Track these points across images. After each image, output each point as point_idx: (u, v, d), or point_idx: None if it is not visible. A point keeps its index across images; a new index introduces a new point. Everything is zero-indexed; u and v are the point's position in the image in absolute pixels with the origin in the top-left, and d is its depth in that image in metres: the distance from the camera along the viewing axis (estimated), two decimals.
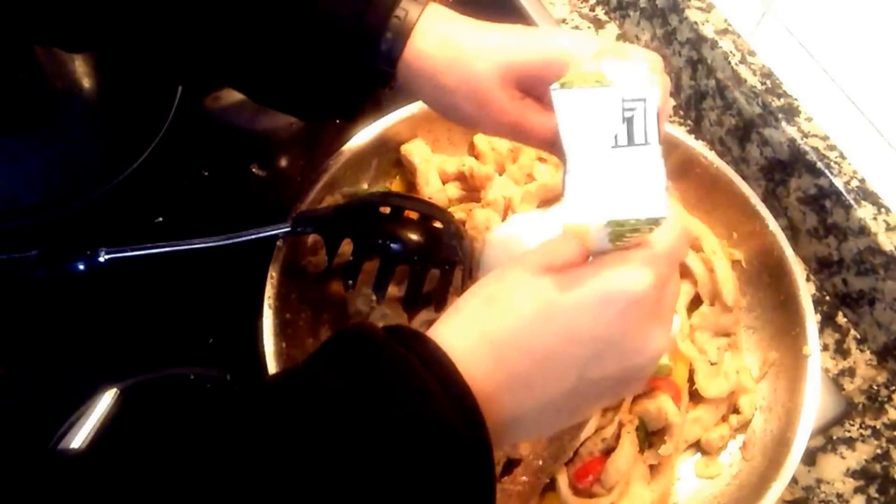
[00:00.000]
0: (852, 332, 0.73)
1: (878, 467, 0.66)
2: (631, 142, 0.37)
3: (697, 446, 0.64)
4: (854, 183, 0.69)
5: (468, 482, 0.36)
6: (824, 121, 0.72)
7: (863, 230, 0.68)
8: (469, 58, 0.50)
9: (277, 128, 0.81)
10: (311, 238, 0.65)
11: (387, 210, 0.61)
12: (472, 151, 0.73)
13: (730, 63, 0.76)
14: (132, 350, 0.67)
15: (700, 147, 0.69)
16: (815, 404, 0.60)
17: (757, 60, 0.76)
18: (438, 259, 0.60)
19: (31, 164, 0.77)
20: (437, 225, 0.61)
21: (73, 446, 0.61)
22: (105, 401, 0.63)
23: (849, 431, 0.68)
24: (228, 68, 0.55)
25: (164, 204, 0.74)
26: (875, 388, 0.70)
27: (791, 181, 0.73)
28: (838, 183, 0.69)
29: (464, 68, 0.50)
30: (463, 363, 0.37)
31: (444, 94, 0.52)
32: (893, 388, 0.70)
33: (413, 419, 0.35)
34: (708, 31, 0.77)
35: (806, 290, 0.63)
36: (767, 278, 0.67)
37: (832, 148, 0.71)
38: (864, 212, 0.68)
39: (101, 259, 0.62)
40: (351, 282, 0.60)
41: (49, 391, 0.65)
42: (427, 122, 0.70)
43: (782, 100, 0.73)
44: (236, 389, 0.38)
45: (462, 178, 0.71)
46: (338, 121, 0.80)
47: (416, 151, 0.70)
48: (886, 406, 0.69)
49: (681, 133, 0.70)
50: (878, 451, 0.67)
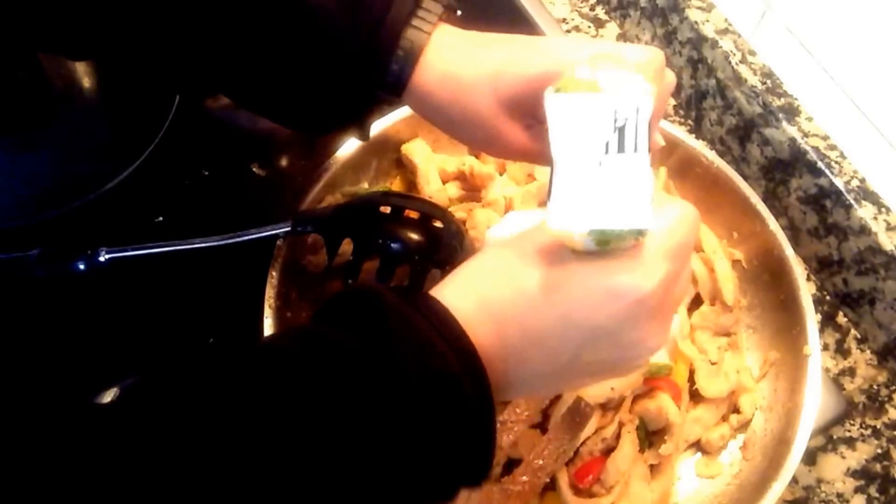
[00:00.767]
0: (853, 331, 0.73)
1: (878, 467, 0.66)
2: (621, 151, 0.37)
3: (698, 446, 0.64)
4: (854, 183, 0.69)
5: (472, 432, 0.37)
6: (825, 120, 0.72)
7: (863, 230, 0.68)
8: (468, 93, 0.50)
9: (278, 128, 0.79)
10: (312, 238, 0.65)
11: (387, 210, 0.61)
12: (473, 151, 0.73)
13: (730, 63, 0.76)
14: (132, 350, 0.67)
15: (700, 147, 0.69)
16: (816, 404, 0.60)
17: (757, 60, 0.76)
18: (439, 259, 0.60)
19: (31, 164, 0.77)
20: (438, 224, 0.61)
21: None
22: (105, 401, 0.63)
23: (849, 431, 0.68)
24: (235, 82, 0.55)
25: (164, 203, 0.74)
26: (875, 387, 0.70)
27: (791, 181, 0.73)
28: (839, 182, 0.69)
29: (465, 104, 0.51)
30: (465, 323, 0.38)
31: (445, 118, 0.53)
32: (894, 387, 0.70)
33: (421, 373, 0.36)
34: (708, 30, 0.77)
35: (806, 290, 0.63)
36: (768, 278, 0.67)
37: (832, 147, 0.71)
38: (864, 211, 0.68)
39: (102, 259, 0.62)
40: (351, 281, 0.60)
41: (49, 391, 0.65)
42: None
43: (783, 99, 0.73)
44: (248, 347, 0.38)
45: (462, 178, 0.71)
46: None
47: (417, 151, 0.70)
48: (887, 406, 0.69)
49: (681, 133, 0.70)
50: (879, 450, 0.67)
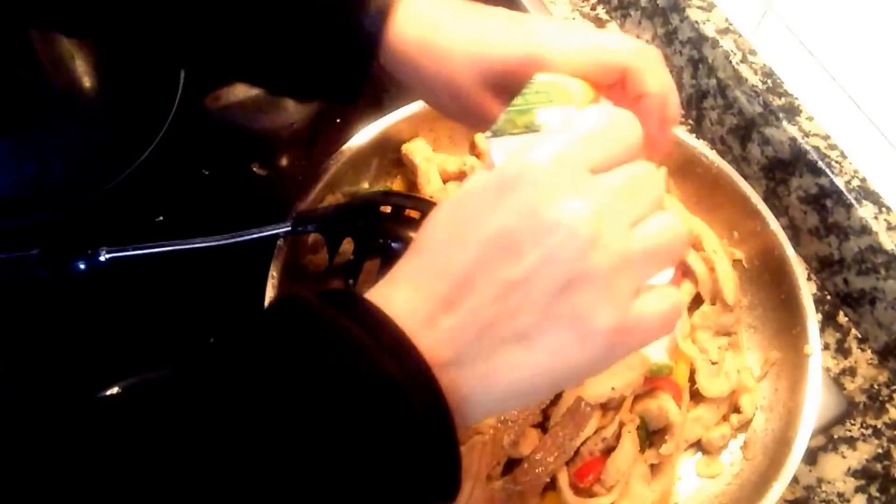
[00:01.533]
0: (853, 331, 0.73)
1: (879, 467, 0.66)
2: None
3: (698, 445, 0.64)
4: (855, 182, 0.69)
5: (419, 430, 0.32)
6: (825, 120, 0.72)
7: (864, 229, 0.68)
8: (445, 53, 0.49)
9: (278, 127, 0.81)
10: (312, 237, 0.65)
11: (388, 209, 0.61)
12: (474, 150, 0.73)
13: (731, 62, 0.76)
14: (133, 349, 0.67)
15: (701, 146, 0.69)
16: (816, 404, 0.60)
17: (758, 59, 0.76)
18: None
19: (31, 164, 0.77)
20: None
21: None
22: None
23: (850, 431, 0.68)
24: (213, 45, 0.55)
25: (164, 203, 0.74)
26: (876, 387, 0.70)
27: (792, 180, 0.73)
28: (839, 182, 0.69)
29: (440, 63, 0.49)
30: (393, 311, 0.34)
31: (423, 85, 0.52)
32: (894, 387, 0.70)
33: (345, 372, 0.32)
34: (709, 30, 0.77)
35: (807, 290, 0.63)
36: (768, 277, 0.67)
37: (833, 147, 0.71)
38: (865, 211, 0.68)
39: (102, 258, 0.62)
40: (352, 281, 0.60)
41: (49, 391, 0.65)
42: (428, 121, 0.70)
43: (783, 99, 0.73)
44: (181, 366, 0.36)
45: (463, 178, 0.71)
46: (338, 120, 0.80)
47: (418, 150, 0.70)
48: (887, 405, 0.69)
49: (682, 132, 0.70)
50: (880, 450, 0.67)
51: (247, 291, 0.62)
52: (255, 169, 0.78)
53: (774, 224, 0.66)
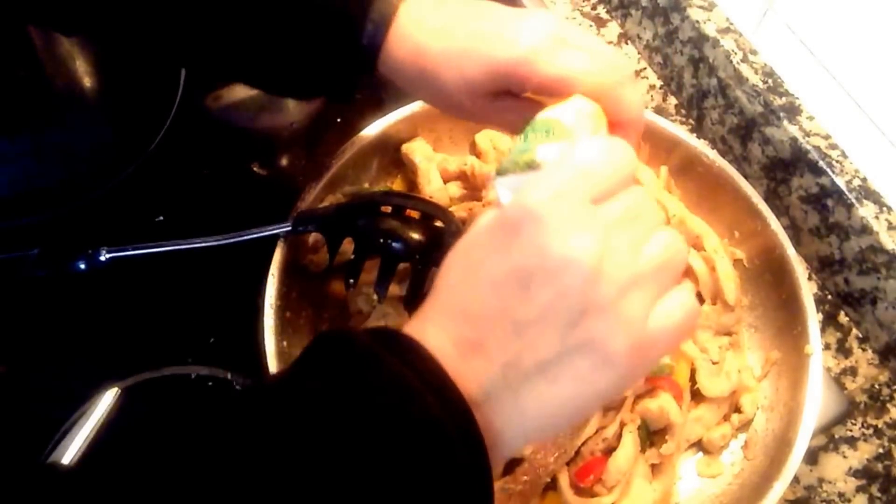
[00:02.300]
0: (854, 331, 0.72)
1: (880, 466, 0.66)
2: None
3: (699, 445, 0.64)
4: (856, 182, 0.69)
5: (461, 474, 0.34)
6: (826, 119, 0.72)
7: (865, 229, 0.68)
8: (435, 72, 0.51)
9: (279, 127, 0.81)
10: (313, 237, 0.65)
11: (388, 209, 0.61)
12: (474, 150, 0.73)
13: (731, 62, 0.76)
14: (133, 349, 0.67)
15: (702, 146, 0.69)
16: (817, 403, 0.59)
17: (759, 59, 0.75)
18: (440, 258, 0.60)
19: (32, 163, 0.77)
20: (439, 224, 0.61)
21: (75, 445, 0.61)
22: (106, 400, 0.63)
23: (851, 431, 0.68)
24: (215, 47, 0.55)
25: (165, 203, 0.74)
26: (877, 387, 0.70)
27: (793, 180, 0.73)
28: (840, 182, 0.69)
29: (432, 82, 0.51)
30: (447, 364, 0.36)
31: (419, 93, 0.55)
32: (895, 387, 0.70)
33: (397, 418, 0.34)
34: (710, 29, 0.77)
35: (808, 289, 0.63)
36: (769, 277, 0.67)
37: (834, 147, 0.71)
38: (865, 211, 0.68)
39: (102, 258, 0.62)
40: (352, 281, 0.60)
41: (50, 390, 0.65)
42: (428, 120, 0.70)
43: (784, 98, 0.73)
44: (223, 400, 0.37)
45: (463, 177, 0.71)
46: (339, 120, 0.80)
47: (418, 150, 0.70)
48: (888, 405, 0.69)
49: (682, 132, 0.70)
50: (881, 450, 0.67)
51: (247, 291, 0.62)
52: (255, 169, 0.78)
53: (775, 224, 0.66)
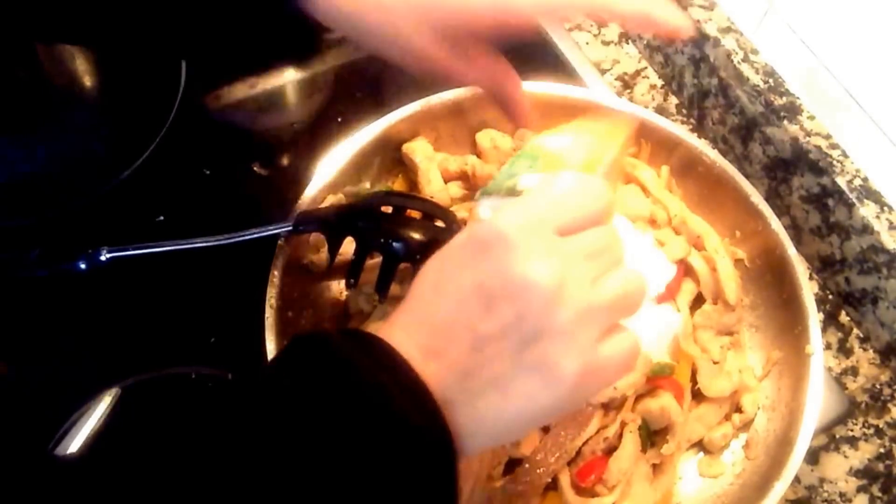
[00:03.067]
0: (855, 331, 0.72)
1: (881, 466, 0.66)
2: None
3: (700, 445, 0.63)
4: (857, 182, 0.69)
5: (431, 469, 0.36)
6: (827, 119, 0.72)
7: (865, 229, 0.68)
8: (390, 2, 0.50)
9: (279, 127, 0.81)
10: (313, 237, 0.65)
11: (389, 209, 0.61)
12: (475, 150, 0.73)
13: (732, 61, 0.76)
14: (134, 349, 0.67)
15: (702, 146, 0.69)
16: (818, 403, 0.59)
17: (759, 59, 0.75)
18: None
19: (32, 163, 0.77)
20: (440, 224, 0.61)
21: (75, 445, 0.61)
22: (106, 400, 0.63)
23: (852, 430, 0.68)
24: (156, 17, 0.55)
25: (165, 203, 0.74)
26: (878, 387, 0.70)
27: (793, 180, 0.73)
28: (841, 181, 0.69)
29: (385, 12, 0.50)
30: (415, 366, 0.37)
31: (366, 37, 0.53)
32: None
33: (374, 417, 0.35)
34: (711, 29, 0.77)
35: (808, 289, 0.63)
36: (770, 277, 0.67)
37: (835, 146, 0.71)
38: (866, 210, 0.68)
39: (103, 258, 0.62)
40: (353, 281, 0.60)
41: (51, 390, 0.65)
42: (429, 120, 0.70)
43: (785, 98, 0.73)
44: (210, 399, 0.39)
45: (464, 177, 0.71)
46: (339, 119, 0.80)
47: (418, 150, 0.70)
48: (889, 405, 0.69)
49: (683, 131, 0.70)
50: (882, 450, 0.67)
51: (248, 291, 0.62)
52: (255, 169, 0.78)
53: (776, 223, 0.66)
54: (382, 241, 0.59)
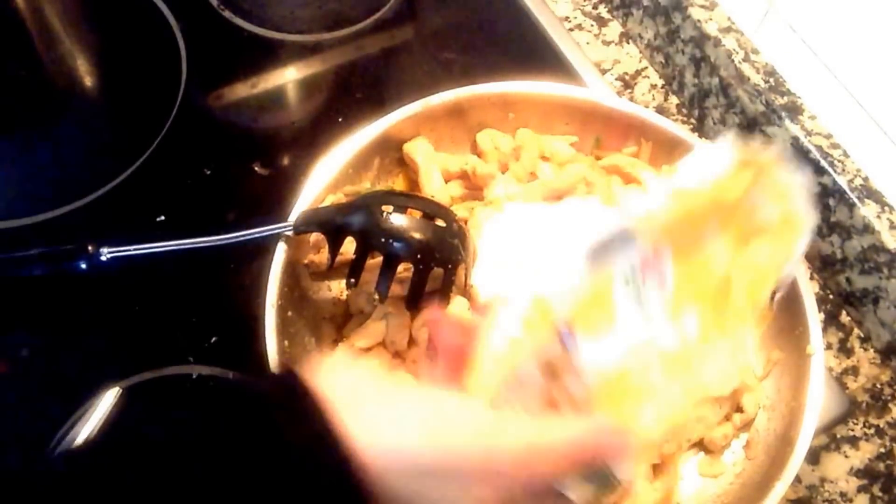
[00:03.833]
0: (856, 330, 0.72)
1: (881, 466, 0.66)
2: None
3: (701, 445, 0.63)
4: (858, 181, 0.69)
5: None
6: (828, 119, 0.72)
7: (866, 228, 0.68)
8: None
9: (280, 126, 0.81)
10: (314, 237, 0.65)
11: (389, 209, 0.61)
12: (475, 150, 0.73)
13: (733, 61, 0.76)
14: (133, 349, 0.67)
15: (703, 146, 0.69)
16: (819, 403, 0.59)
17: (760, 58, 0.75)
18: (441, 258, 0.60)
19: (33, 163, 0.77)
20: (440, 223, 0.61)
21: (75, 445, 0.61)
22: (107, 399, 0.63)
23: (852, 430, 0.67)
24: None
25: (166, 202, 0.74)
26: (879, 386, 0.70)
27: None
28: (842, 181, 0.69)
29: None
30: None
31: None
32: None
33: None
34: (711, 28, 0.77)
35: (809, 289, 0.63)
36: None
37: (836, 146, 0.71)
38: (867, 210, 0.68)
39: (103, 257, 0.62)
40: (353, 280, 0.60)
41: (51, 390, 0.65)
42: (430, 120, 0.70)
43: (785, 98, 0.73)
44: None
45: (464, 177, 0.71)
46: (340, 119, 0.80)
47: (419, 150, 0.70)
48: (890, 405, 0.69)
49: (684, 131, 0.70)
50: (882, 449, 0.67)
51: (248, 290, 0.62)
52: (256, 168, 0.78)
53: None
54: (383, 240, 0.59)
